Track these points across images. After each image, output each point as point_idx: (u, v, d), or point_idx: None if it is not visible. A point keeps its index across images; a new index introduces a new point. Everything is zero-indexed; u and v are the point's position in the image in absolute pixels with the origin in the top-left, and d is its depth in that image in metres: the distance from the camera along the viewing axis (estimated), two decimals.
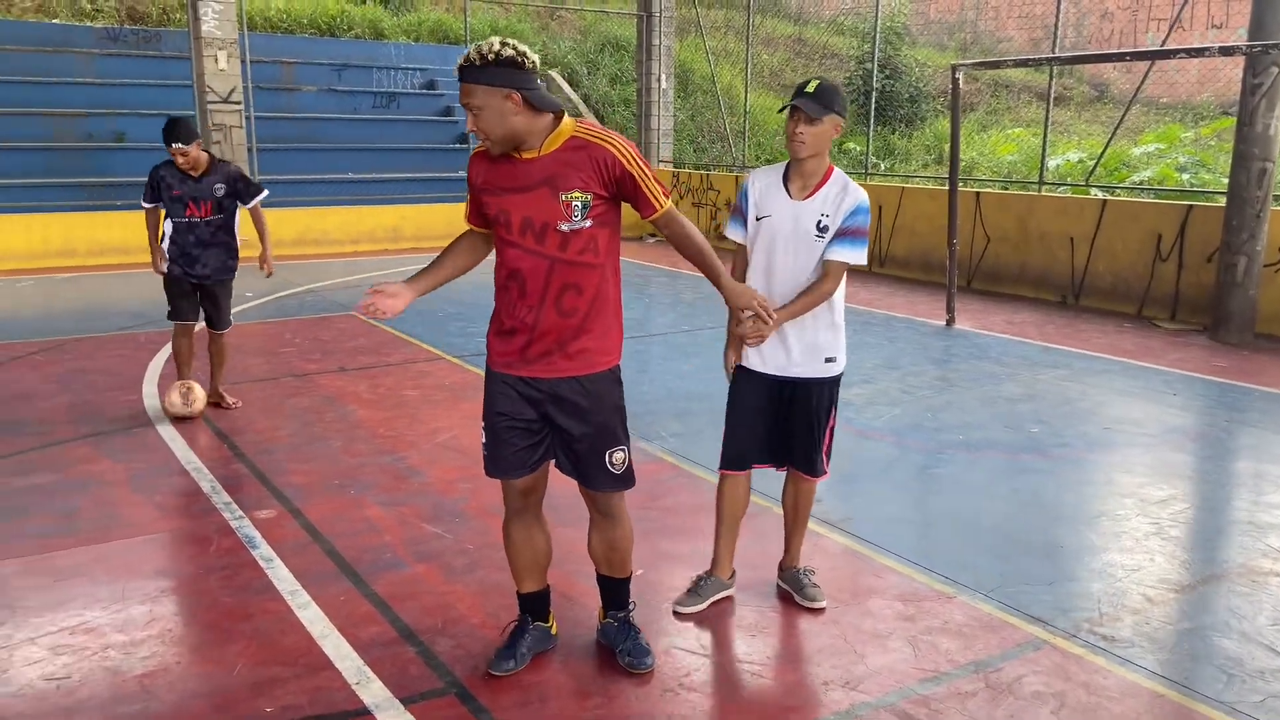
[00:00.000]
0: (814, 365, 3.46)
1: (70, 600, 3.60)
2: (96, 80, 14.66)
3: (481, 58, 2.66)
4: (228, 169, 5.73)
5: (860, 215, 3.36)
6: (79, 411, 5.95)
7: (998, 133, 18.92)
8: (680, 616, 3.58)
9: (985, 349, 8.08)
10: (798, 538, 3.76)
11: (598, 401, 2.97)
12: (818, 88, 3.32)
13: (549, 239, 2.82)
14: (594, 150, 2.79)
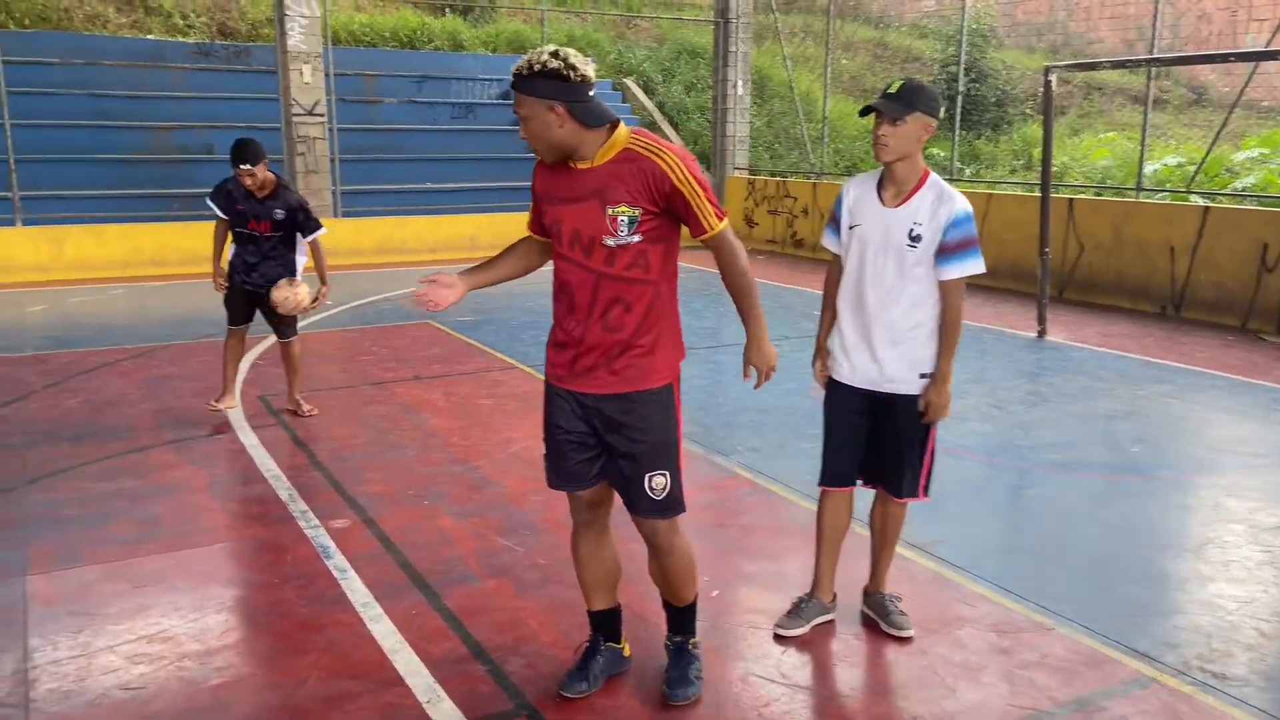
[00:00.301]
0: (908, 381, 3.29)
1: (149, 608, 3.62)
2: (188, 94, 15.11)
3: (529, 68, 2.63)
4: (290, 198, 5.82)
5: (964, 226, 3.18)
6: (164, 417, 6.06)
7: (1090, 137, 18.28)
8: (781, 640, 3.44)
9: (1080, 363, 7.73)
10: (884, 561, 3.58)
11: (641, 421, 2.84)
12: (900, 87, 3.17)
13: (596, 253, 2.74)
14: (643, 163, 2.69)
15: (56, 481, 4.91)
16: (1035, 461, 5.37)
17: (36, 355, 7.70)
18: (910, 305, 3.24)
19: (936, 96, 3.22)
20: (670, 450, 2.90)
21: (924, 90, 3.17)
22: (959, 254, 3.18)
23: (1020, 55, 22.28)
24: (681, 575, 3.04)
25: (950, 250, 3.18)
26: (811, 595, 3.56)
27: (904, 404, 3.31)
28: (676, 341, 2.92)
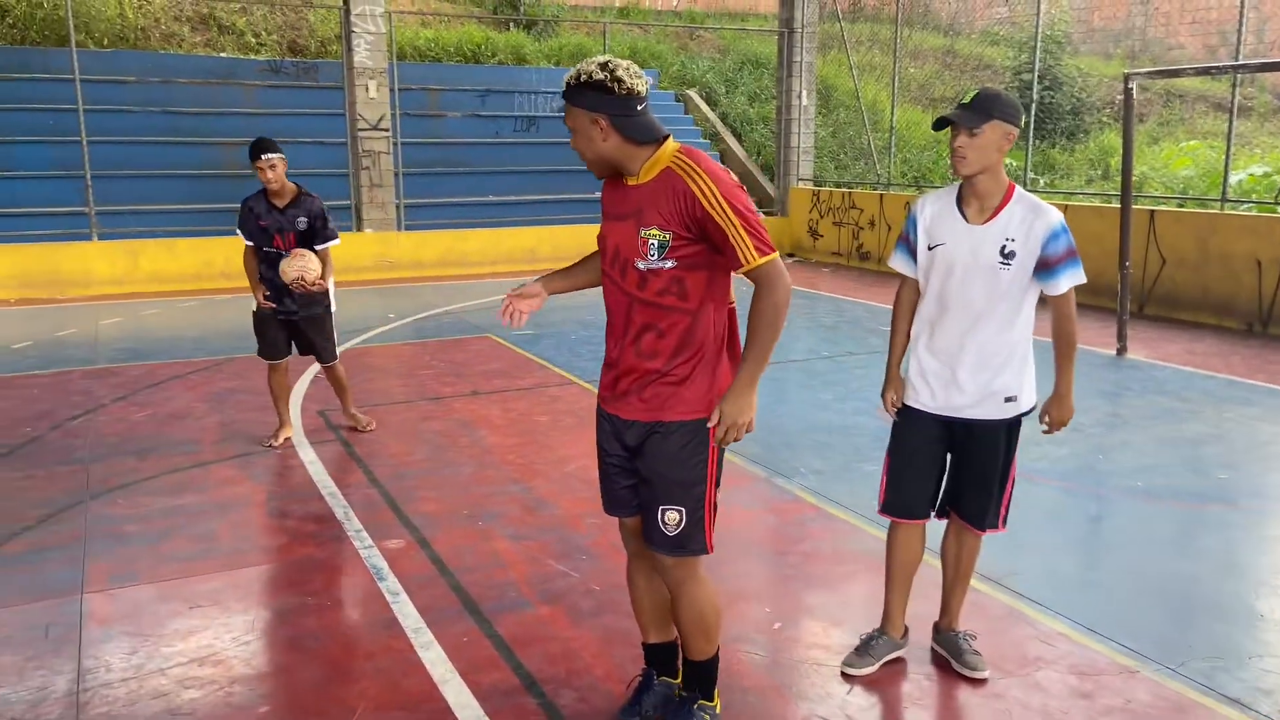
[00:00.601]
0: (990, 405, 3.11)
1: (202, 629, 3.59)
2: (258, 110, 15.42)
3: (576, 78, 2.55)
4: (312, 204, 5.66)
5: (1062, 239, 3.01)
6: (227, 431, 6.10)
7: (1170, 145, 17.67)
8: (849, 679, 3.27)
9: (1162, 382, 7.39)
10: (958, 597, 3.39)
11: (661, 451, 2.67)
12: (975, 96, 3.01)
13: (629, 275, 2.63)
14: (676, 183, 2.54)
15: (118, 496, 4.95)
16: (1115, 488, 5.11)
17: (109, 368, 7.85)
18: (1000, 327, 3.07)
19: (1016, 103, 3.04)
20: (692, 488, 2.69)
21: (1001, 97, 3.00)
22: (1065, 265, 3.02)
23: (1096, 62, 21.66)
24: (691, 625, 2.84)
25: (1055, 264, 3.01)
26: (881, 631, 3.39)
27: (987, 431, 3.13)
28: (726, 375, 2.71)
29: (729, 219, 2.50)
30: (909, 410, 3.25)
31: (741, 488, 5.09)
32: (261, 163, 5.47)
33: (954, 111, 3.00)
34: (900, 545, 3.33)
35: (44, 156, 13.33)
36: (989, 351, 3.08)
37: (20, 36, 15.81)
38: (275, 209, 5.61)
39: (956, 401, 3.13)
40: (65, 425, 6.23)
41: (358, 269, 12.86)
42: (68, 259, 11.73)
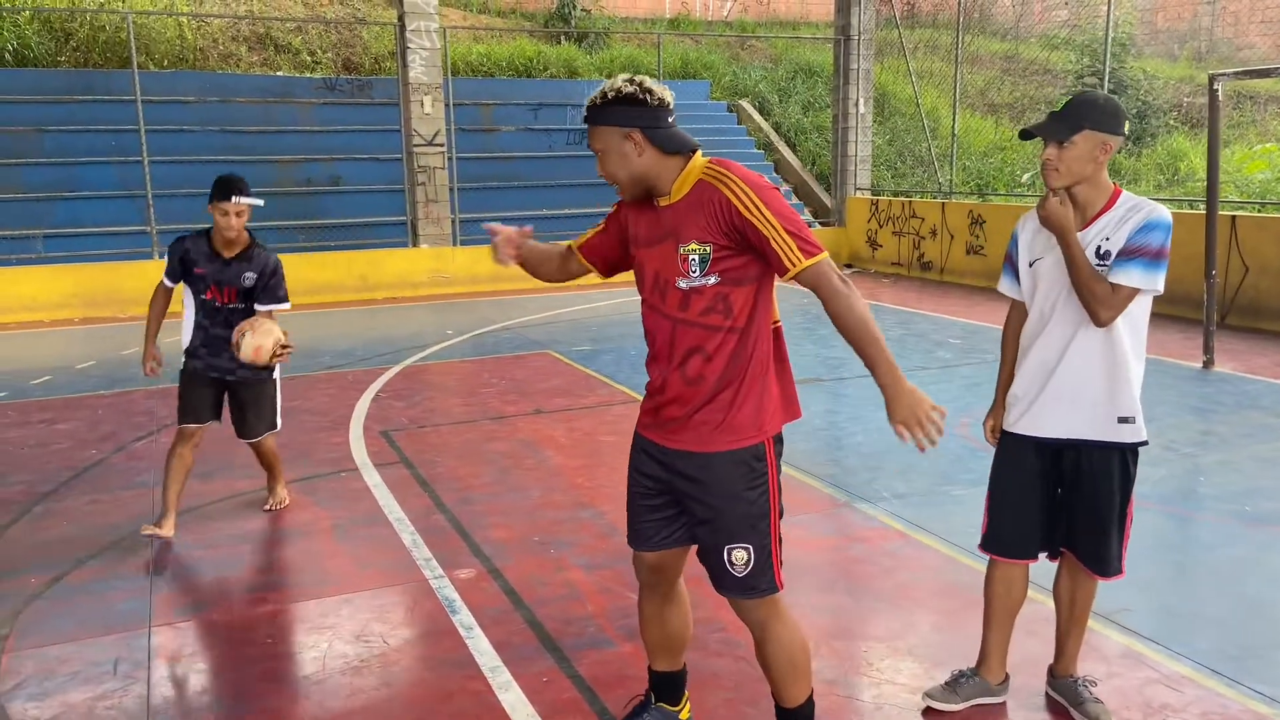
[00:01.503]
0: (1101, 426, 2.84)
1: (272, 664, 3.45)
2: (315, 128, 15.54)
3: (602, 97, 2.45)
4: (266, 259, 4.69)
5: (1153, 232, 2.72)
6: (289, 452, 6.00)
7: (1243, 149, 17.07)
8: (932, 714, 3.07)
9: (1255, 396, 7.01)
10: (1074, 640, 3.13)
11: (718, 484, 2.52)
12: (1066, 104, 2.78)
13: (670, 297, 2.51)
14: (711, 194, 2.43)
15: (184, 520, 4.86)
16: (1222, 513, 4.79)
17: (170, 388, 7.80)
18: (1105, 339, 2.81)
19: (1115, 109, 2.78)
20: (757, 521, 2.53)
21: (1095, 103, 2.76)
22: (1135, 260, 2.71)
23: (1161, 64, 21.08)
24: (782, 668, 2.67)
25: (1128, 254, 2.72)
26: (975, 672, 3.16)
27: (1099, 456, 2.87)
28: (776, 397, 2.57)
29: (770, 223, 2.38)
30: (1011, 438, 3.01)
31: (823, 514, 4.86)
32: (229, 206, 4.48)
33: (1040, 123, 2.79)
34: (999, 583, 3.10)
35: (106, 177, 13.53)
36: (1093, 366, 2.82)
37: (83, 59, 16.11)
38: (219, 258, 4.64)
39: (1061, 422, 2.87)
40: (129, 447, 6.19)
41: (414, 284, 12.84)
42: (130, 277, 11.84)
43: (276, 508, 5.01)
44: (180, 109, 14.83)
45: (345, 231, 13.96)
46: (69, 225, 12.82)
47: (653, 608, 2.82)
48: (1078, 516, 2.94)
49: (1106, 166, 2.80)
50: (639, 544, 2.72)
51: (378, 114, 15.77)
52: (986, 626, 3.15)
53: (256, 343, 4.40)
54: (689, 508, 2.60)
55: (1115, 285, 2.72)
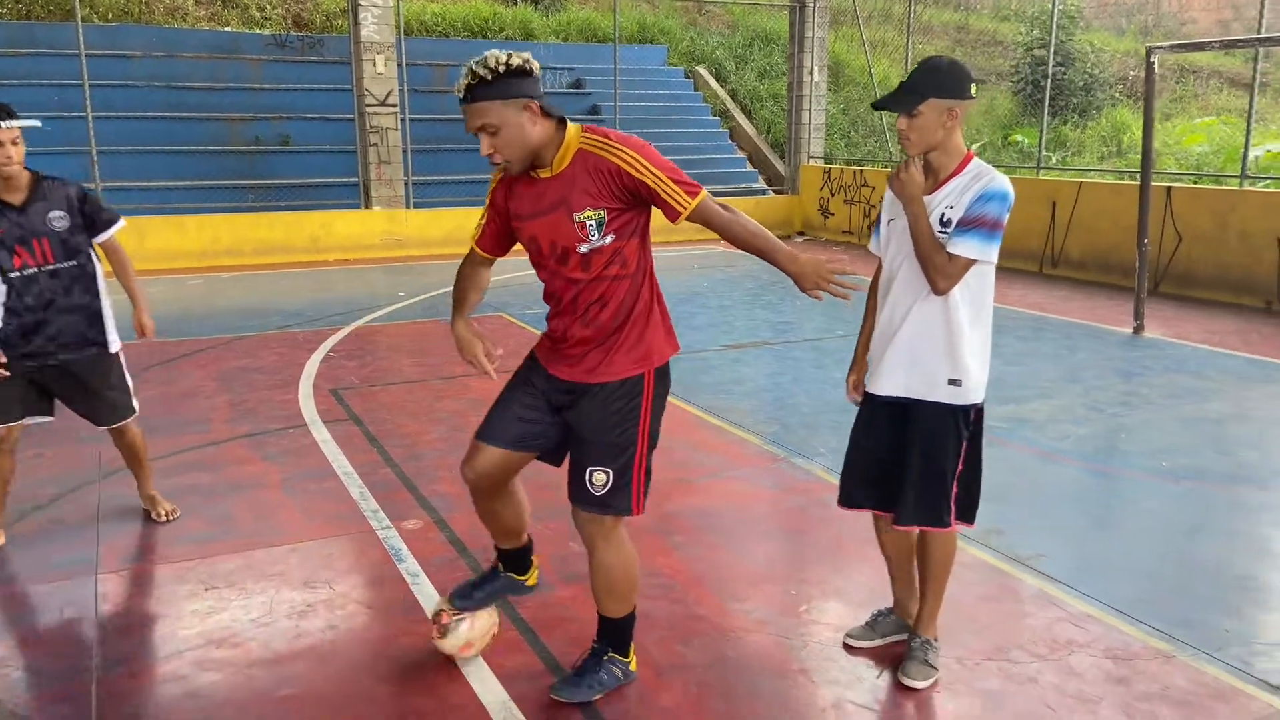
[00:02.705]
0: (932, 386, 2.92)
1: (219, 611, 3.54)
2: (264, 86, 15.29)
3: (492, 71, 2.50)
4: (65, 189, 3.96)
5: (989, 202, 2.77)
6: (238, 410, 6.04)
7: (1184, 122, 17.47)
8: (851, 650, 3.25)
9: (1182, 361, 7.30)
10: (927, 600, 3.14)
11: (597, 412, 2.78)
12: (912, 74, 2.87)
13: (572, 261, 2.71)
14: (598, 162, 2.64)
15: (130, 476, 4.88)
16: (1140, 469, 5.03)
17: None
18: (942, 306, 2.88)
19: (959, 73, 2.81)
20: (625, 448, 2.77)
21: (938, 70, 2.81)
22: (973, 230, 2.78)
23: (1109, 37, 21.41)
24: (605, 583, 2.92)
25: (966, 224, 2.78)
26: (891, 611, 3.35)
27: (932, 415, 2.93)
28: (660, 325, 2.85)
29: (657, 177, 2.62)
30: (866, 395, 3.10)
31: (763, 468, 5.02)
32: (2, 134, 3.71)
33: (887, 96, 2.87)
34: (879, 534, 3.26)
35: (49, 133, 13.20)
36: (930, 331, 2.90)
37: (25, 11, 15.67)
38: (9, 207, 3.82)
39: (900, 381, 2.95)
40: None
41: (366, 246, 12.77)
42: None
43: (168, 519, 4.31)
44: (125, 64, 14.50)
45: (295, 192, 13.80)
46: None
47: (486, 506, 3.02)
48: (909, 470, 2.97)
49: (960, 130, 2.87)
50: (494, 438, 2.86)
51: (329, 72, 15.55)
52: (891, 576, 3.34)
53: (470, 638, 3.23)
54: (569, 425, 2.84)
55: (952, 255, 2.80)
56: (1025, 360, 7.26)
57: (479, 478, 2.92)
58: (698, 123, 17.86)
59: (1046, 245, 11.53)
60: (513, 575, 3.21)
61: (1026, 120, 18.71)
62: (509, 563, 3.20)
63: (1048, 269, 11.52)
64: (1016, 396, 6.28)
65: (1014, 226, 12.56)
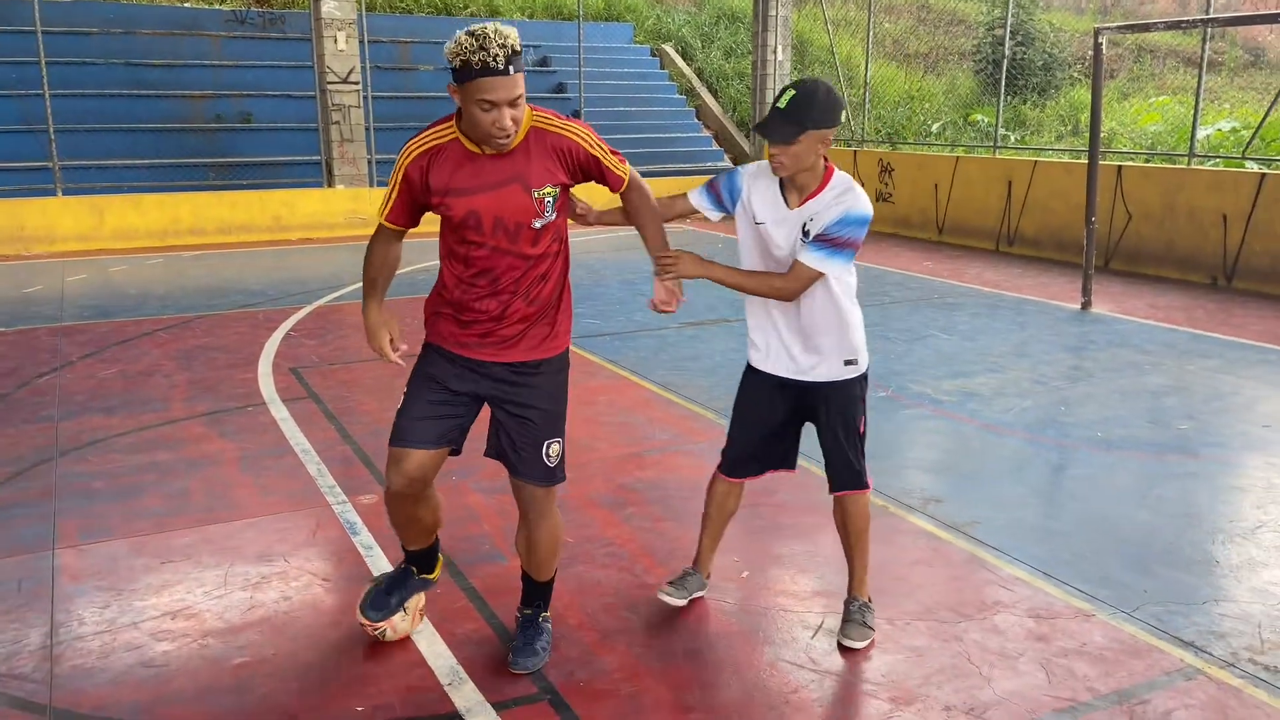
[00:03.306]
0: (831, 368, 3.15)
1: (175, 584, 3.62)
2: (224, 62, 15.14)
3: (513, 48, 2.55)
4: None
5: (849, 225, 2.94)
6: (197, 388, 6.08)
7: (1140, 101, 17.74)
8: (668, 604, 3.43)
9: (1126, 336, 7.51)
10: (856, 563, 3.33)
11: (545, 386, 2.91)
12: (789, 101, 2.88)
13: (523, 237, 2.75)
14: (555, 140, 2.73)
15: (88, 453, 4.94)
16: (1078, 439, 5.21)
17: (76, 325, 7.77)
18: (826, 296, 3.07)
19: (832, 104, 2.91)
20: (563, 418, 2.98)
21: (814, 102, 2.88)
22: (828, 247, 2.94)
23: (1068, 17, 21.63)
24: (549, 548, 3.06)
25: (823, 240, 2.94)
26: (695, 569, 3.51)
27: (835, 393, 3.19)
28: (570, 307, 2.99)
29: (603, 151, 2.80)
30: (753, 372, 3.27)
31: (713, 441, 5.14)
32: None
33: (766, 125, 2.91)
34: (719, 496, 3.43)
35: (6, 111, 13.04)
36: (823, 320, 3.09)
37: None
38: None
39: (797, 368, 3.16)
40: (33, 383, 6.18)
41: (329, 225, 12.74)
42: (32, 214, 11.54)
43: None
44: (83, 41, 14.31)
45: (257, 170, 13.72)
46: None
47: (409, 511, 2.97)
48: (833, 443, 3.22)
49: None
50: (418, 441, 2.83)
51: (290, 49, 15.42)
52: (704, 531, 3.47)
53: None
54: (508, 411, 2.88)
55: (800, 263, 2.95)
56: (977, 336, 7.44)
57: (410, 483, 2.86)
58: (664, 101, 17.90)
59: (1003, 224, 11.73)
60: (425, 576, 3.20)
61: (987, 99, 18.90)
62: (420, 562, 3.18)
63: (1004, 247, 11.72)
64: (966, 371, 6.45)
65: (972, 205, 12.71)
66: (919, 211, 12.98)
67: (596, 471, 4.74)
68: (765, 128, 2.93)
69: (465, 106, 2.60)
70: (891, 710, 2.88)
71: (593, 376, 6.37)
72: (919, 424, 5.45)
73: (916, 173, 13.03)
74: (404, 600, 3.16)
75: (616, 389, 6.12)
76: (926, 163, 13.02)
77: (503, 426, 2.93)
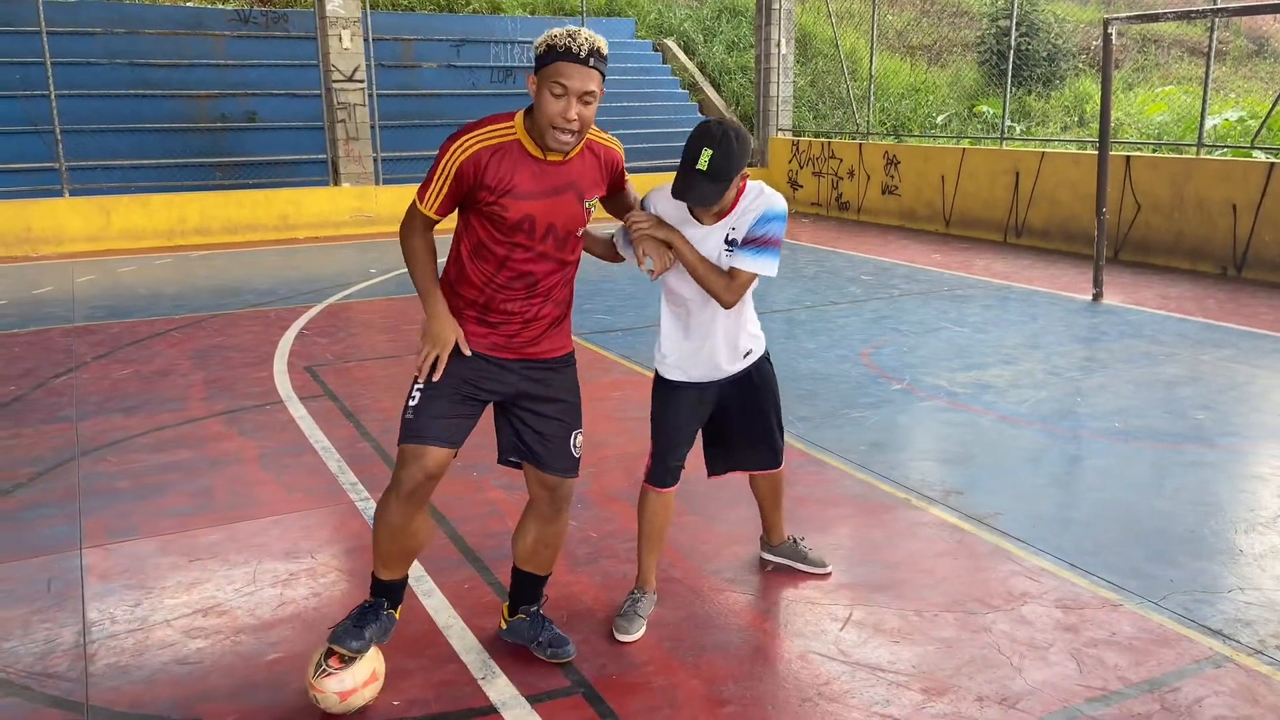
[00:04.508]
0: (736, 363, 3.25)
1: (204, 581, 3.63)
2: (228, 62, 15.14)
3: (599, 49, 2.61)
4: None
5: (771, 223, 2.96)
6: (214, 388, 6.09)
7: (1146, 91, 17.72)
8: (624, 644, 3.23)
9: (1138, 326, 7.51)
10: (778, 515, 3.67)
11: (568, 379, 2.97)
12: (710, 162, 2.79)
13: (569, 244, 2.81)
14: (605, 153, 2.84)
15: (108, 453, 4.95)
16: (1095, 430, 5.22)
17: (88, 326, 7.78)
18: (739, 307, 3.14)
19: (745, 147, 2.86)
20: (582, 410, 3.03)
21: (732, 155, 2.81)
22: (756, 248, 2.96)
23: (1073, 7, 21.59)
24: (559, 542, 3.09)
25: (751, 242, 2.96)
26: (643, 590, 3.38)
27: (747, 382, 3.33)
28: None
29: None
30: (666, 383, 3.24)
31: None
32: None
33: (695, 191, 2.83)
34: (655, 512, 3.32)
35: (10, 111, 13.04)
36: (730, 328, 3.16)
37: None
38: None
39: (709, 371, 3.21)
40: (49, 384, 6.20)
41: (336, 224, 12.75)
42: (39, 216, 11.55)
43: None
44: (87, 41, 14.31)
45: (264, 170, 13.73)
46: None
47: (408, 517, 2.79)
48: (748, 432, 3.38)
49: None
50: (437, 438, 2.73)
51: (294, 48, 15.41)
52: (645, 549, 3.35)
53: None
54: (533, 409, 2.89)
55: (735, 270, 2.97)
56: (989, 329, 7.44)
57: (428, 480, 2.75)
58: (667, 96, 17.89)
59: (1010, 215, 11.73)
60: (392, 612, 2.94)
61: (992, 91, 18.89)
62: (392, 595, 2.94)
63: (1012, 239, 11.72)
64: (980, 363, 6.46)
65: (979, 197, 12.71)
66: (925, 204, 12.98)
67: (614, 466, 4.76)
68: (688, 192, 2.83)
69: (539, 92, 2.59)
70: (924, 701, 2.89)
71: (606, 372, 6.38)
72: (935, 416, 5.46)
73: (923, 165, 13.02)
74: (376, 638, 2.85)
75: (630, 384, 6.13)
76: (932, 155, 13.02)
77: (525, 424, 2.91)
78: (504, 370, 2.86)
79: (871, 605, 3.43)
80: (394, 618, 2.96)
